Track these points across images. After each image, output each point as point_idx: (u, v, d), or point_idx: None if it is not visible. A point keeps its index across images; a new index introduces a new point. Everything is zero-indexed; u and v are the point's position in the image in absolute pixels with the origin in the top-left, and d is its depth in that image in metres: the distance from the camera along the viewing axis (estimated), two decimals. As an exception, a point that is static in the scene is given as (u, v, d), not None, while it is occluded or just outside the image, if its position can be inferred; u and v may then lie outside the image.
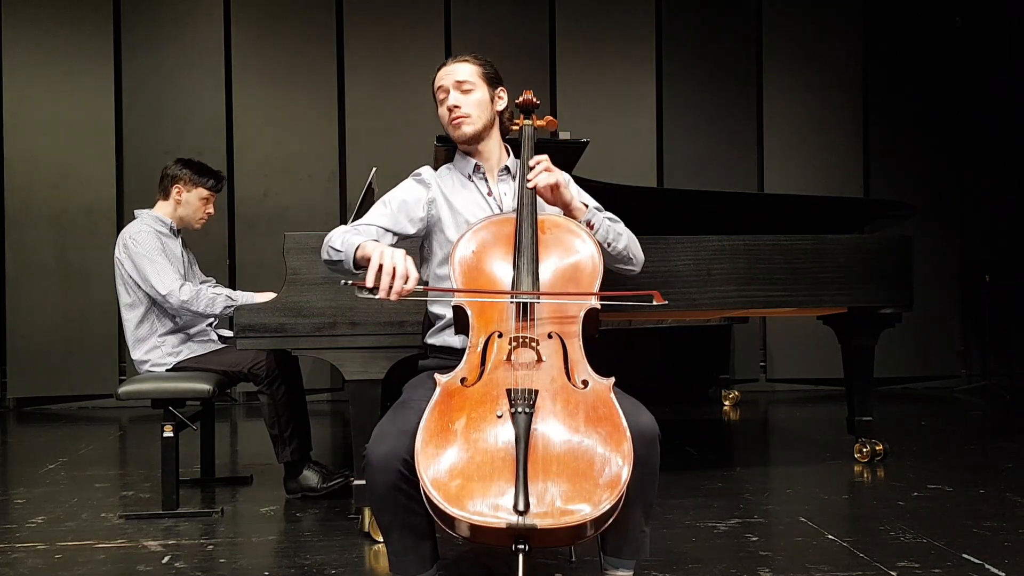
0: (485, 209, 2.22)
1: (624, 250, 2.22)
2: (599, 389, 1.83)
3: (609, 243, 2.17)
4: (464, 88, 2.21)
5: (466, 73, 2.22)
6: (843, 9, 6.41)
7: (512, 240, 2.02)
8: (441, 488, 1.63)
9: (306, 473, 3.35)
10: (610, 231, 2.18)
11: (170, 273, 3.35)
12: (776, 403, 5.89)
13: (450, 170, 2.31)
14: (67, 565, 2.57)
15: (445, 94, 2.22)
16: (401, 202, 2.24)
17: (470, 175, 2.27)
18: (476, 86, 2.22)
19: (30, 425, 5.36)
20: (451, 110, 2.21)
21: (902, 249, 3.66)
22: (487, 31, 6.12)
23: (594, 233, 2.12)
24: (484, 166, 2.27)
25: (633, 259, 2.26)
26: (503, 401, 1.74)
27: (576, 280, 2.01)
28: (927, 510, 3.06)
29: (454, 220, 2.22)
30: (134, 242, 3.38)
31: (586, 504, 1.62)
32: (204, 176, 3.55)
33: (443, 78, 2.23)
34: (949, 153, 6.42)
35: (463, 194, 2.25)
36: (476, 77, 2.22)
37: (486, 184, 2.27)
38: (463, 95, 2.21)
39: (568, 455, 1.68)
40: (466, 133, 2.22)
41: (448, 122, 2.23)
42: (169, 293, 3.31)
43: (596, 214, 2.17)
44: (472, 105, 2.21)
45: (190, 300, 3.31)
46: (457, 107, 2.20)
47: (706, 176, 6.12)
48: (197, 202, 3.54)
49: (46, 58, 5.87)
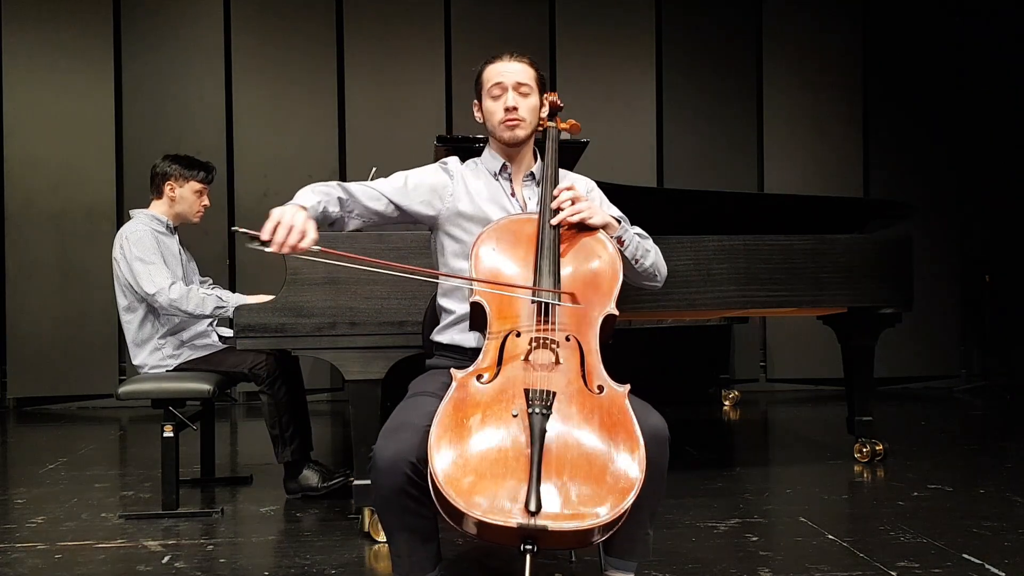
0: (507, 207, 2.19)
1: (651, 267, 2.20)
2: (615, 395, 1.82)
3: (637, 260, 2.15)
4: (523, 91, 2.15)
5: (527, 76, 2.16)
6: (843, 9, 6.41)
7: (534, 240, 2.00)
8: (453, 483, 1.63)
9: (306, 473, 3.35)
10: (639, 248, 2.16)
11: (161, 272, 3.30)
12: (776, 403, 5.89)
13: (476, 165, 2.27)
14: (67, 565, 2.57)
15: (502, 91, 2.15)
16: (421, 184, 2.19)
17: (496, 174, 2.24)
18: (532, 91, 2.17)
19: (30, 425, 5.36)
20: (508, 111, 2.14)
21: (902, 249, 3.66)
22: (487, 31, 6.12)
23: (624, 250, 2.10)
24: (512, 168, 2.24)
25: (658, 275, 2.25)
26: (519, 400, 1.73)
27: (596, 285, 1.99)
28: (927, 510, 3.06)
29: (474, 215, 2.18)
30: (128, 243, 3.35)
31: (597, 509, 1.62)
32: (194, 169, 3.51)
33: (502, 75, 2.15)
34: (949, 153, 6.42)
35: (486, 191, 2.21)
36: (533, 82, 2.17)
37: (510, 185, 2.24)
38: (522, 98, 2.15)
39: (582, 459, 1.68)
40: (519, 137, 2.17)
41: (501, 121, 2.15)
42: (158, 292, 3.27)
43: (627, 230, 2.13)
44: (528, 110, 2.16)
45: (179, 299, 3.27)
46: (516, 108, 2.14)
47: (706, 176, 6.12)
48: (191, 196, 3.51)
49: (46, 58, 5.87)
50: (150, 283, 3.29)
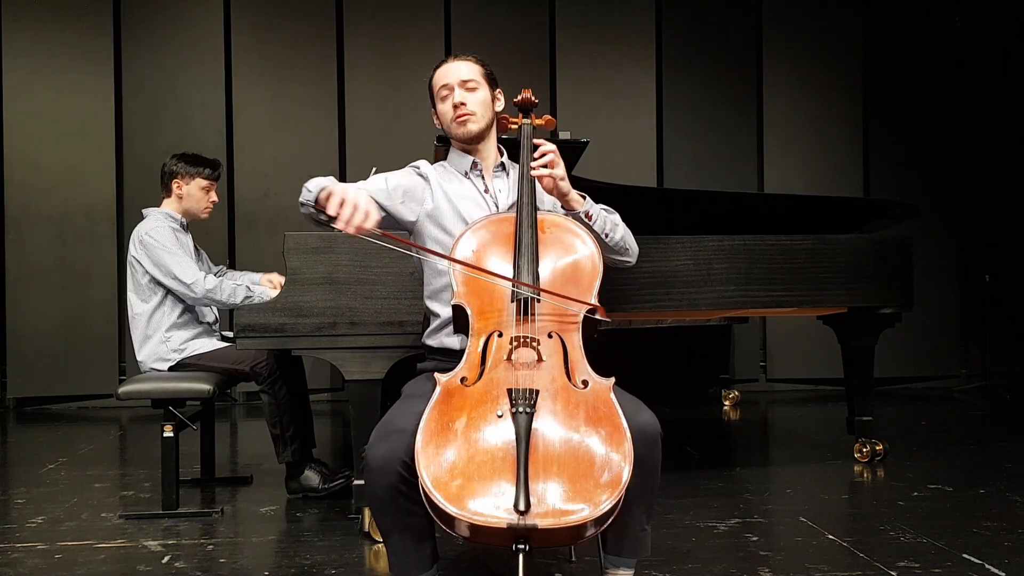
0: (482, 205, 2.22)
1: (621, 240, 2.23)
2: (599, 389, 1.83)
3: (607, 233, 2.18)
4: (469, 86, 2.21)
5: (470, 72, 2.22)
6: (843, 9, 6.41)
7: (512, 239, 2.02)
8: (441, 488, 1.63)
9: (307, 473, 3.35)
10: (607, 221, 2.20)
11: (191, 265, 3.39)
12: (776, 403, 5.89)
13: (445, 167, 2.31)
14: (67, 565, 2.57)
15: (449, 91, 2.22)
16: (400, 186, 2.23)
17: (467, 172, 2.27)
18: (480, 85, 2.22)
19: (30, 425, 5.36)
20: (457, 107, 2.20)
21: (902, 249, 3.66)
22: (487, 31, 6.12)
23: (592, 223, 2.13)
24: (481, 164, 2.27)
25: (629, 249, 2.27)
26: (503, 401, 1.74)
27: (576, 280, 2.01)
28: (927, 510, 3.06)
29: (452, 215, 2.21)
30: (151, 238, 3.39)
31: (586, 504, 1.62)
32: (200, 166, 3.58)
33: (446, 76, 2.22)
34: (949, 153, 6.42)
35: (460, 190, 2.24)
36: (479, 76, 2.23)
37: (483, 181, 2.27)
38: (468, 92, 2.21)
39: (568, 455, 1.68)
40: (471, 131, 2.22)
41: (452, 119, 2.22)
42: (195, 282, 3.33)
43: (593, 204, 2.18)
44: (477, 103, 2.21)
45: (214, 289, 3.33)
46: (463, 104, 2.20)
47: (706, 176, 6.12)
48: (198, 193, 3.57)
49: (46, 59, 5.87)
50: (186, 274, 3.35)
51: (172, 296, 3.40)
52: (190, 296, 3.36)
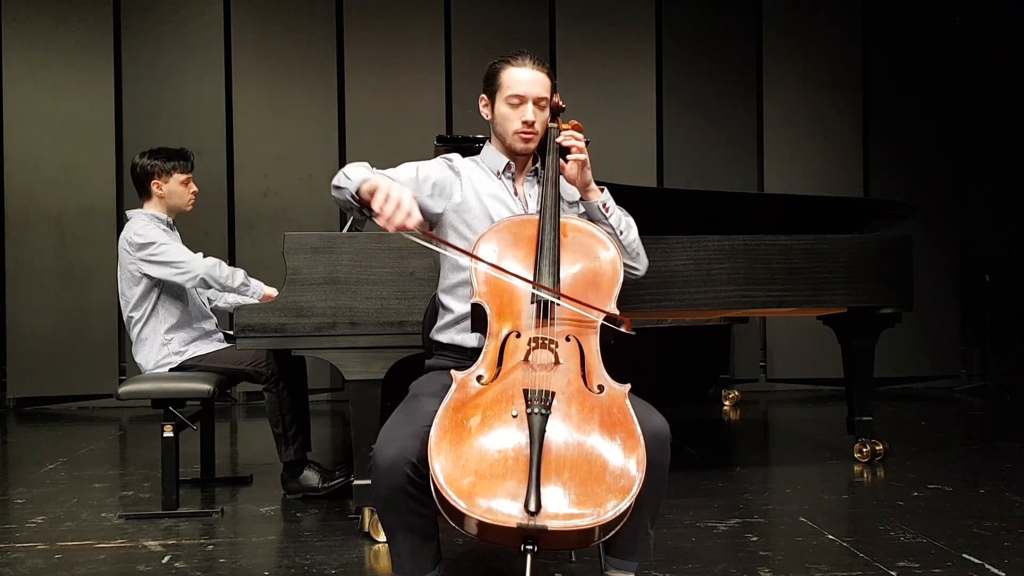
0: (511, 206, 2.20)
1: (634, 242, 2.23)
2: (615, 395, 1.83)
3: (621, 231, 2.19)
4: (541, 105, 2.16)
5: (545, 90, 2.16)
6: (843, 8, 6.41)
7: (534, 241, 2.01)
8: (453, 484, 1.63)
9: (307, 473, 3.35)
10: (622, 220, 2.21)
11: (183, 248, 3.36)
12: (776, 403, 5.89)
13: (477, 163, 2.27)
14: (67, 565, 2.57)
15: (522, 103, 2.14)
16: (430, 178, 2.19)
17: (500, 172, 2.24)
18: (548, 105, 2.18)
19: (30, 425, 5.36)
20: (526, 124, 2.14)
21: (902, 249, 3.66)
22: (487, 30, 6.11)
23: (609, 215, 2.15)
24: (515, 167, 2.25)
25: (640, 256, 2.27)
26: (519, 401, 1.74)
27: (596, 285, 2.00)
28: (927, 510, 3.07)
29: (479, 211, 2.18)
30: (138, 235, 3.34)
31: (597, 509, 1.62)
32: (171, 160, 3.49)
33: (525, 86, 2.14)
34: (949, 153, 6.42)
35: (491, 188, 2.22)
36: (549, 94, 2.18)
37: (513, 184, 2.24)
38: (539, 111, 2.16)
39: (582, 459, 1.68)
40: (531, 150, 2.20)
41: (516, 132, 2.16)
42: (190, 260, 3.29)
43: (611, 198, 2.19)
44: (542, 124, 2.17)
45: (212, 266, 3.30)
46: (534, 123, 2.15)
47: (706, 176, 6.12)
48: (179, 188, 3.50)
49: (46, 58, 5.87)
50: (179, 256, 3.31)
51: (165, 302, 3.37)
52: (189, 277, 3.29)
